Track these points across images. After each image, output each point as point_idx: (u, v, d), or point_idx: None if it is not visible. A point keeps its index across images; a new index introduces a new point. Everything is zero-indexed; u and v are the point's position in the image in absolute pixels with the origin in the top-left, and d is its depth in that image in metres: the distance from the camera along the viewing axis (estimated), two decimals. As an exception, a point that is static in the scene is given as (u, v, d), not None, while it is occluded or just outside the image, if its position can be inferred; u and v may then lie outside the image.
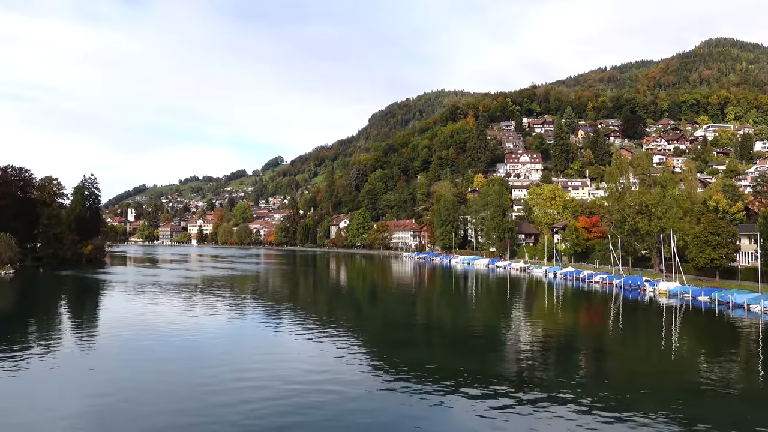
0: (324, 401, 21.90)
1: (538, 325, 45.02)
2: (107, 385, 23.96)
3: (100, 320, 46.10)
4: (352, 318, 49.75)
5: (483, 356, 32.42)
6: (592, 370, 29.93)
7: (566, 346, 36.48)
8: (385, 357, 31.90)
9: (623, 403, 22.81)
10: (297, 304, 59.75)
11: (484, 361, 30.77)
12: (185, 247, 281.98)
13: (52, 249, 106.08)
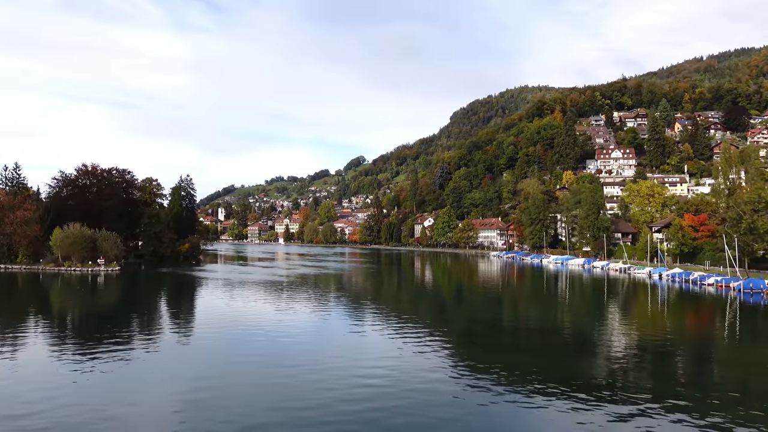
0: (405, 400, 21.56)
1: (643, 329, 41.94)
2: (199, 374, 25.00)
3: (196, 315, 47.62)
4: (437, 317, 48.41)
5: (578, 360, 30.32)
6: (702, 380, 27.01)
7: (674, 352, 33.48)
8: (470, 357, 30.74)
9: (733, 418, 20.09)
10: (381, 302, 59.01)
11: (580, 366, 28.70)
12: (272, 245, 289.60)
13: (152, 247, 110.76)
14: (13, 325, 40.67)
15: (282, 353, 30.30)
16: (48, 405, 20.28)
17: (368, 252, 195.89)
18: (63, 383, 23.60)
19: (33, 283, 73.98)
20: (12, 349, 31.41)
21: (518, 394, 22.91)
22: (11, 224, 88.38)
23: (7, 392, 22.37)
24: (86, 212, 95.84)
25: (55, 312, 50.74)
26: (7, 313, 48.31)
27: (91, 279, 76.41)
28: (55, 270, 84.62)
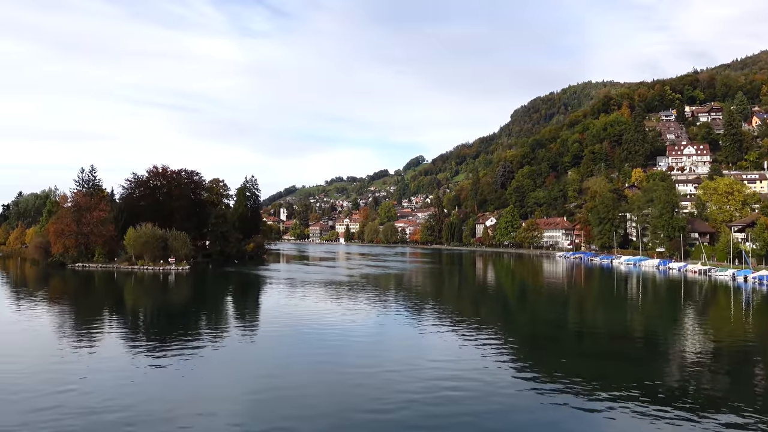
0: (464, 400, 21.11)
1: (726, 334, 38.95)
2: (263, 371, 25.53)
3: (262, 313, 48.06)
4: (500, 318, 46.88)
5: (651, 366, 28.07)
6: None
7: (760, 361, 30.51)
8: (533, 360, 29.37)
9: None
10: (443, 302, 57.74)
11: (653, 373, 26.45)
12: (333, 245, 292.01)
13: (219, 246, 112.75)
14: (91, 321, 42.17)
15: (342, 352, 30.09)
16: (120, 398, 20.89)
17: (429, 252, 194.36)
18: (135, 377, 24.36)
19: (108, 280, 76.36)
20: (89, 343, 32.39)
21: (581, 398, 21.76)
22: (88, 224, 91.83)
23: (84, 386, 22.66)
24: (157, 212, 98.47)
25: (129, 309, 52.13)
26: (86, 310, 50.05)
27: (163, 277, 78.26)
28: (128, 268, 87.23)
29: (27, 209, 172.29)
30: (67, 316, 45.52)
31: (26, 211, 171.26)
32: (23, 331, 36.48)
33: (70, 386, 22.46)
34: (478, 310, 52.22)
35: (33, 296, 58.48)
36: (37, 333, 35.89)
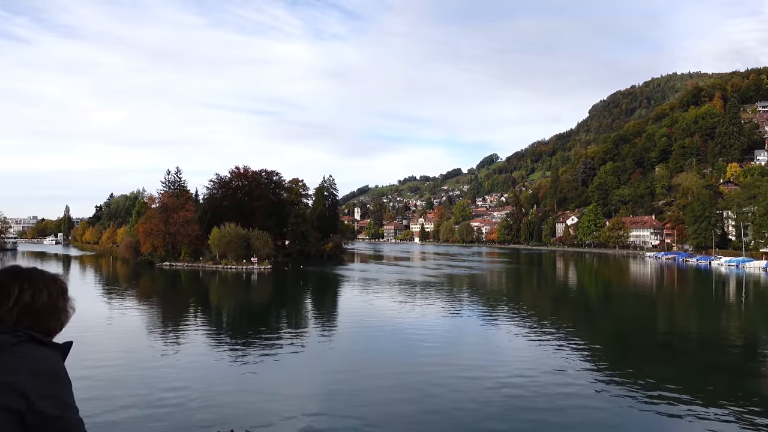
0: (540, 404, 20.29)
1: None
2: (340, 370, 25.51)
3: (340, 311, 47.68)
4: (582, 321, 43.65)
5: (753, 379, 24.76)
6: None
7: None
8: (616, 367, 26.71)
9: None
10: (521, 303, 55.00)
11: (755, 386, 23.32)
12: (408, 244, 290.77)
13: (299, 246, 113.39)
14: (178, 318, 43.02)
15: (418, 352, 28.97)
16: (202, 393, 21.33)
17: (507, 251, 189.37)
18: (218, 373, 25.00)
19: (194, 279, 77.63)
20: (175, 339, 33.18)
21: (668, 407, 19.61)
22: (175, 224, 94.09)
23: (169, 381, 23.09)
24: (239, 212, 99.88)
25: (214, 307, 52.81)
26: (173, 307, 51.00)
27: (246, 276, 78.83)
28: (213, 267, 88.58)
29: (118, 210, 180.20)
30: (155, 314, 46.50)
31: (117, 212, 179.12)
32: (115, 327, 37.31)
33: (157, 382, 22.94)
34: (558, 312, 49.15)
35: (124, 294, 60.14)
36: (127, 329, 36.61)
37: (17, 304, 2.04)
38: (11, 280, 2.10)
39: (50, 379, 1.84)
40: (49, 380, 1.83)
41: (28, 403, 1.75)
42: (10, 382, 1.75)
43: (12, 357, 1.81)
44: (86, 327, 34.51)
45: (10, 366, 1.79)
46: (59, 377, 1.87)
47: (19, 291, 2.06)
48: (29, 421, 1.75)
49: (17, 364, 1.80)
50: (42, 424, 1.76)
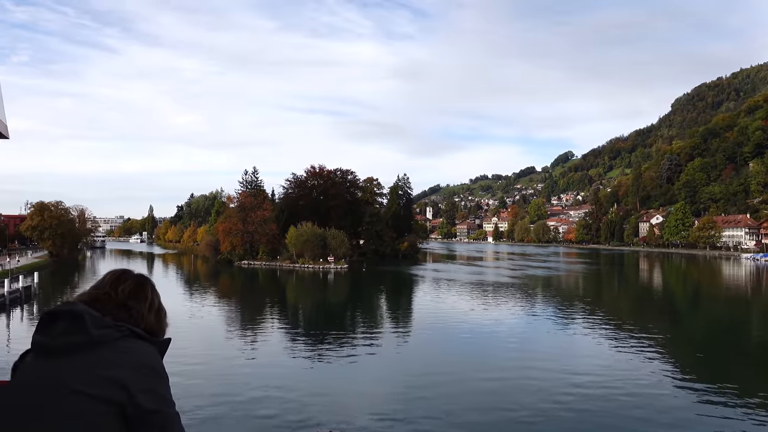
0: (618, 410, 19.52)
1: None
2: (413, 370, 25.45)
3: (416, 312, 47.28)
4: (666, 326, 40.14)
5: None
6: None
7: None
8: (703, 373, 25.18)
9: None
10: (601, 305, 52.01)
11: None
12: (482, 244, 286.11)
13: (374, 245, 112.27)
14: (257, 316, 43.88)
15: (493, 354, 29.06)
16: (280, 391, 21.50)
17: (586, 252, 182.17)
18: (295, 372, 25.10)
19: (271, 278, 77.98)
20: (254, 337, 33.96)
21: None
22: (253, 223, 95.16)
23: (248, 378, 23.41)
24: (314, 211, 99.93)
25: (291, 305, 53.44)
26: (252, 305, 51.63)
27: (322, 276, 78.43)
28: (290, 266, 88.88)
29: (198, 209, 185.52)
30: (235, 311, 47.30)
31: (197, 211, 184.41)
32: (197, 324, 37.97)
33: (236, 379, 23.27)
34: (642, 315, 45.73)
35: (205, 291, 61.29)
36: (208, 326, 37.27)
37: (152, 307, 2.18)
38: (146, 282, 2.23)
39: (149, 373, 1.91)
40: (147, 375, 1.90)
41: (128, 396, 1.82)
42: (112, 376, 1.82)
43: (114, 351, 1.89)
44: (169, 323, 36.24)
45: (111, 360, 1.86)
46: (157, 372, 1.95)
47: (151, 294, 2.20)
48: (130, 414, 1.82)
49: (119, 358, 1.88)
50: (141, 417, 1.83)
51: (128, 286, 2.14)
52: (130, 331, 1.99)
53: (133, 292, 2.14)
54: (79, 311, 1.95)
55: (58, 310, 1.99)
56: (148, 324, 2.12)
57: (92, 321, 1.93)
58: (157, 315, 2.18)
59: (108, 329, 1.94)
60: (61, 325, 1.94)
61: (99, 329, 1.92)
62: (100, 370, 1.84)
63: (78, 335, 1.90)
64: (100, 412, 1.79)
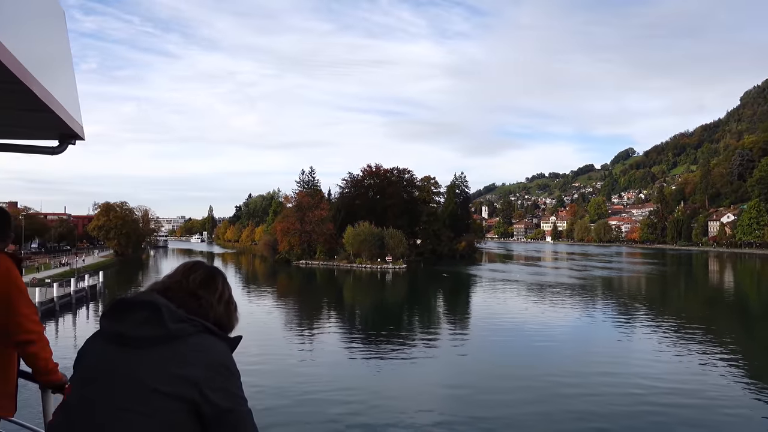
0: (679, 417, 18.94)
1: None
2: (464, 371, 25.48)
3: (473, 312, 46.94)
4: (737, 333, 37.67)
5: None
6: None
7: None
8: None
9: None
10: (667, 309, 49.41)
11: None
12: (540, 243, 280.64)
13: (431, 245, 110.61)
14: (315, 315, 44.54)
15: (552, 357, 28.40)
16: (333, 389, 21.73)
17: (651, 252, 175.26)
18: (350, 371, 25.37)
19: (329, 277, 77.55)
20: (310, 336, 34.61)
21: None
22: (310, 223, 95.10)
23: (300, 378, 23.55)
24: (371, 211, 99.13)
25: (349, 305, 53.50)
26: (309, 305, 51.84)
27: (380, 276, 77.42)
28: (347, 266, 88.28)
29: (255, 209, 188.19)
30: (293, 310, 47.85)
31: (255, 211, 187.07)
32: (256, 322, 38.54)
33: (293, 378, 23.44)
34: (711, 320, 42.99)
35: (264, 290, 61.75)
36: (267, 324, 37.94)
37: (222, 299, 2.12)
38: (217, 273, 2.18)
39: (222, 371, 1.89)
40: (221, 373, 1.88)
41: (202, 394, 1.81)
42: (186, 374, 1.81)
43: (189, 348, 1.87)
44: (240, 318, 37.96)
45: (186, 357, 1.85)
46: (230, 370, 1.92)
47: (222, 285, 2.14)
48: (205, 412, 1.81)
49: (193, 355, 1.86)
50: (216, 416, 1.81)
51: (199, 276, 2.10)
52: (204, 327, 1.96)
53: (204, 282, 2.09)
54: (159, 303, 1.93)
55: (137, 300, 1.97)
56: (217, 315, 2.08)
57: (170, 314, 1.91)
58: (227, 307, 2.13)
59: (183, 324, 1.91)
60: (140, 315, 1.92)
61: (176, 323, 1.90)
62: (174, 368, 1.82)
63: (156, 328, 1.88)
64: (173, 410, 1.78)
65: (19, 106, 2.71)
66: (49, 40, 2.67)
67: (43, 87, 2.32)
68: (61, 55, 2.95)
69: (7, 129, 3.49)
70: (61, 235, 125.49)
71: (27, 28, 2.19)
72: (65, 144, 3.27)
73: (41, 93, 2.31)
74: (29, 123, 3.18)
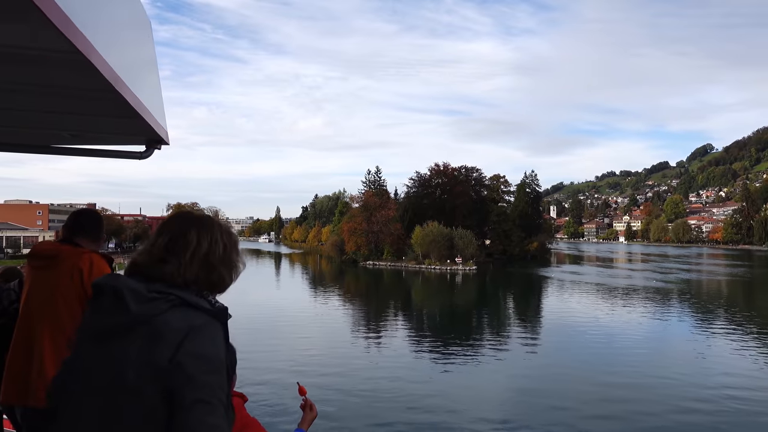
0: None
1: None
2: (534, 377, 24.62)
3: (545, 316, 45.43)
4: None
5: None
6: None
7: None
8: None
9: None
10: (756, 317, 44.87)
11: None
12: (612, 244, 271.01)
13: (501, 246, 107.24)
14: (381, 317, 44.20)
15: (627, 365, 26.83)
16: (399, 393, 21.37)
17: (736, 253, 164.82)
18: (417, 374, 24.86)
19: (397, 279, 75.83)
20: (377, 338, 34.07)
21: None
22: (377, 223, 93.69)
23: (368, 378, 23.46)
24: (439, 211, 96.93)
25: (417, 307, 52.21)
26: (376, 306, 51.17)
27: (449, 277, 75.11)
28: (416, 267, 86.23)
29: (322, 210, 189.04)
30: (360, 311, 47.30)
31: (321, 212, 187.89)
32: (322, 322, 38.87)
33: (359, 379, 23.35)
34: None
35: (331, 290, 61.61)
36: (333, 325, 38.07)
37: (195, 255, 1.82)
38: (189, 227, 1.87)
39: (193, 355, 1.61)
40: (191, 357, 1.61)
41: (167, 382, 1.59)
42: (151, 360, 1.60)
43: (157, 330, 1.64)
44: (296, 320, 38.35)
45: (153, 341, 1.62)
46: (203, 354, 1.63)
47: (197, 240, 1.84)
48: (173, 401, 1.59)
49: (162, 337, 1.63)
50: (180, 407, 1.57)
51: (165, 237, 1.83)
52: (180, 300, 1.70)
53: (171, 241, 1.82)
54: (116, 286, 1.71)
55: (100, 284, 1.76)
56: (193, 275, 1.78)
57: (132, 296, 1.68)
58: (204, 263, 1.81)
59: (151, 303, 1.68)
60: (105, 302, 1.72)
61: (140, 304, 1.67)
62: (142, 355, 1.61)
63: (119, 315, 1.67)
64: (146, 403, 1.58)
65: (112, 114, 2.79)
66: (138, 49, 2.76)
67: (135, 95, 2.35)
68: (148, 64, 3.03)
69: (99, 135, 3.67)
70: (137, 235, 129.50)
71: (120, 38, 2.26)
72: (152, 149, 3.46)
73: (133, 101, 2.35)
74: (120, 129, 3.33)
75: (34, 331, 3.24)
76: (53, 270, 3.26)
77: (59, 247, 3.39)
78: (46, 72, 2.26)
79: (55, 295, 3.21)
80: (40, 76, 2.36)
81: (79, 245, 3.40)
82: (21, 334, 3.31)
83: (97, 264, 3.28)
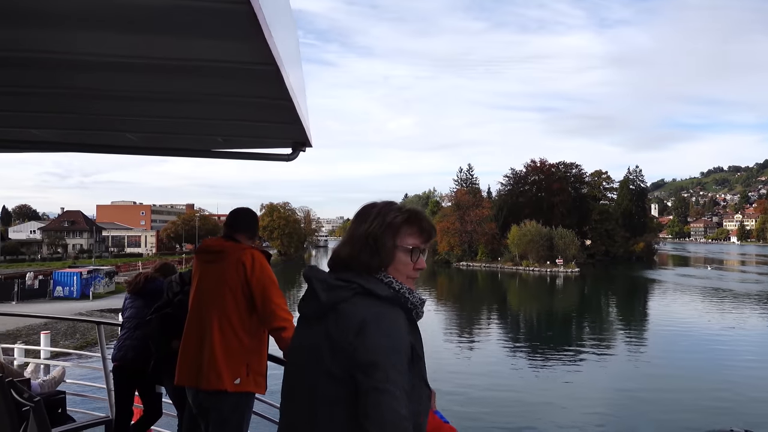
0: None
1: None
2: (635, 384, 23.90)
3: (648, 321, 43.34)
4: None
5: None
6: None
7: None
8: None
9: None
10: None
11: None
12: (723, 245, 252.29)
13: (603, 246, 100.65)
14: (476, 320, 43.32)
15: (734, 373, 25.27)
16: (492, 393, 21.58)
17: None
18: (510, 376, 24.94)
19: (492, 280, 72.47)
20: (469, 340, 34.03)
21: None
22: (471, 223, 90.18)
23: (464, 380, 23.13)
24: (536, 209, 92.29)
25: (513, 312, 50.66)
26: (471, 309, 50.09)
27: (549, 280, 70.61)
28: (512, 269, 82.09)
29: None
30: (454, 314, 46.41)
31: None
32: None
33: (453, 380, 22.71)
34: None
35: (421, 293, 58.45)
36: (425, 328, 35.92)
37: (367, 234, 1.84)
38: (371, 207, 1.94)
39: (369, 342, 1.62)
40: (368, 344, 1.62)
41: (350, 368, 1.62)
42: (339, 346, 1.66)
43: (341, 317, 1.69)
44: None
45: (338, 328, 1.68)
46: (376, 342, 1.62)
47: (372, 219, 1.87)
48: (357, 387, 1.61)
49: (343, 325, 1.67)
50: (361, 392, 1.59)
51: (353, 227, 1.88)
52: (361, 288, 1.71)
53: (354, 222, 1.88)
54: (309, 275, 1.80)
55: (304, 274, 1.86)
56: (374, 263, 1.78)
57: (320, 285, 1.75)
58: (372, 245, 1.78)
59: (335, 291, 1.72)
60: (308, 291, 1.82)
61: (327, 292, 1.73)
62: (331, 341, 1.67)
63: (313, 303, 1.76)
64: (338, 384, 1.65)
65: (275, 119, 2.88)
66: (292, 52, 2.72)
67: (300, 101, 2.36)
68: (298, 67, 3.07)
69: (251, 140, 3.83)
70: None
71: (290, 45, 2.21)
72: (297, 151, 3.58)
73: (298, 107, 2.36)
74: (274, 134, 3.48)
75: (204, 320, 3.46)
76: (220, 264, 3.49)
77: (224, 244, 3.61)
78: (231, 83, 2.23)
79: (223, 287, 3.43)
80: (221, 87, 2.31)
81: (239, 241, 3.60)
82: (193, 323, 3.52)
83: (258, 259, 3.48)
